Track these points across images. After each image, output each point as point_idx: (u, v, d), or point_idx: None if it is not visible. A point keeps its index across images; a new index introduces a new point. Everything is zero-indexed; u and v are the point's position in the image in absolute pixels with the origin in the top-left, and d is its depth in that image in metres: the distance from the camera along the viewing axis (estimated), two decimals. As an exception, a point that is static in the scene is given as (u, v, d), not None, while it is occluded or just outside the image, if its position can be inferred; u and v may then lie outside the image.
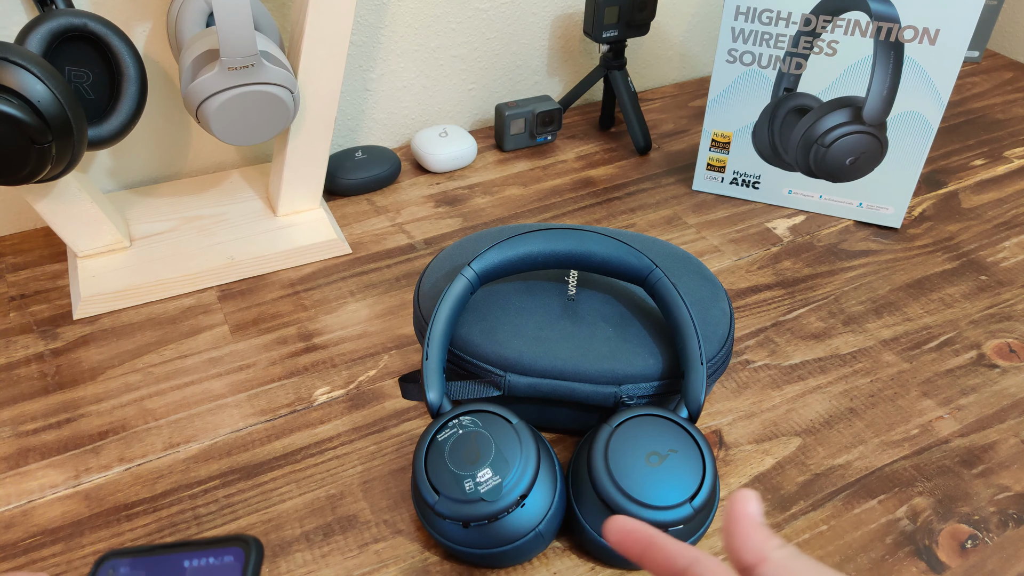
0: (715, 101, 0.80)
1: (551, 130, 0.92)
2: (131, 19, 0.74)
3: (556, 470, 0.48)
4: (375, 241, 0.77)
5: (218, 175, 0.83)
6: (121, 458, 0.56)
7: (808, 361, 0.65)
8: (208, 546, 0.31)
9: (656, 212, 0.82)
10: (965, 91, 1.06)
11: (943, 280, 0.73)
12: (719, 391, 0.62)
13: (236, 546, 0.31)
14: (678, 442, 0.48)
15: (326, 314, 0.69)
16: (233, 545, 0.31)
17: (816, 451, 0.57)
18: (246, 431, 0.58)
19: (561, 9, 0.95)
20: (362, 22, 0.84)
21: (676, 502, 0.45)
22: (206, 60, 0.63)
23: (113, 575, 0.31)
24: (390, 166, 0.84)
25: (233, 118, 0.64)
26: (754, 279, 0.73)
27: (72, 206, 0.68)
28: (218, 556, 0.31)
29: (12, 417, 0.59)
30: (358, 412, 0.60)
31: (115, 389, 0.61)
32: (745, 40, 0.75)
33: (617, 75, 0.90)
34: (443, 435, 0.47)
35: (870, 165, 0.77)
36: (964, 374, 0.64)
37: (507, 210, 0.82)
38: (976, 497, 0.54)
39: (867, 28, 0.71)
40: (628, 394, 0.52)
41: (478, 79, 0.95)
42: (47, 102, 0.55)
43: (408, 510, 0.53)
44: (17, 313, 0.68)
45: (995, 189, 0.86)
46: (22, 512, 0.52)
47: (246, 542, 0.31)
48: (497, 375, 0.52)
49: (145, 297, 0.69)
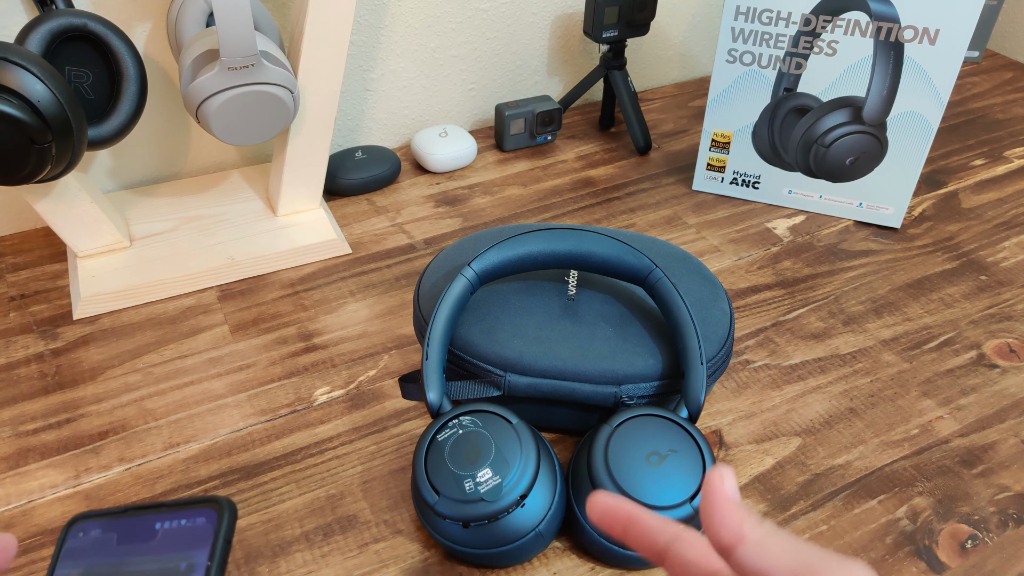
0: (715, 101, 0.80)
1: (551, 130, 0.92)
2: (131, 19, 0.74)
3: (556, 470, 0.48)
4: (375, 241, 0.77)
5: (218, 175, 0.83)
6: (121, 458, 0.56)
7: (808, 361, 0.65)
8: (180, 507, 0.30)
9: (656, 212, 0.82)
10: (965, 91, 1.06)
11: (943, 280, 0.73)
12: (719, 391, 0.62)
13: (208, 507, 0.30)
14: (678, 442, 0.48)
15: (326, 314, 0.69)
16: (205, 506, 0.30)
17: (816, 451, 0.57)
18: (246, 431, 0.58)
19: (561, 9, 0.95)
20: (362, 22, 0.84)
21: (676, 502, 0.45)
22: (206, 60, 0.63)
23: (84, 537, 0.30)
24: (390, 166, 0.84)
25: (233, 118, 0.64)
26: (754, 279, 0.73)
27: (72, 206, 0.68)
28: (190, 518, 0.30)
29: (12, 417, 0.59)
30: (358, 412, 0.60)
31: (115, 389, 0.61)
32: (745, 40, 0.75)
33: (617, 75, 0.90)
34: (443, 435, 0.47)
35: (870, 165, 0.77)
36: (964, 374, 0.64)
37: (507, 210, 0.82)
38: (976, 497, 0.54)
39: (867, 28, 0.71)
40: (628, 394, 0.52)
41: (478, 79, 0.95)
42: (47, 102, 0.55)
43: (408, 510, 0.53)
44: (17, 313, 0.68)
45: (995, 189, 0.86)
46: (22, 512, 0.52)
47: (219, 503, 0.30)
48: (497, 375, 0.52)
49: (145, 297, 0.69)
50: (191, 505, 0.30)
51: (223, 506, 0.30)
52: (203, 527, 0.30)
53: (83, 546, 0.30)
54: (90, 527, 0.31)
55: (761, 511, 0.53)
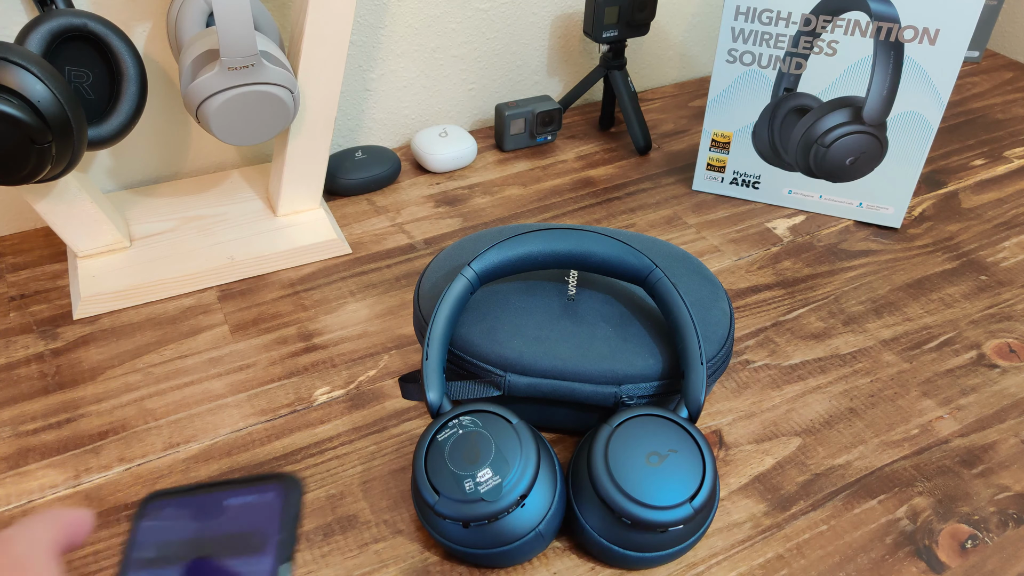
0: (715, 101, 0.80)
1: (551, 130, 0.92)
2: (131, 19, 0.74)
3: (556, 470, 0.48)
4: (375, 241, 0.77)
5: (218, 175, 0.83)
6: (121, 458, 0.56)
7: (808, 361, 0.65)
8: (248, 484, 0.31)
9: (656, 212, 0.82)
10: (965, 91, 1.06)
11: (943, 280, 0.73)
12: (719, 391, 0.62)
13: (276, 483, 0.31)
14: (678, 442, 0.48)
15: (326, 314, 0.69)
16: (273, 483, 0.31)
17: (816, 451, 0.57)
18: (246, 431, 0.58)
19: (561, 9, 0.95)
20: (362, 22, 0.84)
21: (676, 502, 0.45)
22: (206, 60, 0.62)
23: (159, 514, 0.31)
24: (390, 166, 0.84)
25: (233, 118, 0.64)
26: (754, 279, 0.73)
27: (72, 206, 0.68)
28: (258, 494, 0.31)
29: (12, 417, 0.59)
30: (358, 412, 0.60)
31: (115, 389, 0.61)
32: (745, 40, 0.75)
33: (617, 75, 0.90)
34: (443, 435, 0.47)
35: (870, 165, 0.77)
36: (964, 374, 0.64)
37: (507, 210, 0.82)
38: (976, 497, 0.54)
39: (867, 28, 0.71)
40: (628, 394, 0.52)
41: (478, 79, 0.95)
42: (47, 102, 0.55)
43: (408, 510, 0.53)
44: (17, 313, 0.68)
45: (995, 189, 0.86)
46: (22, 512, 0.52)
47: (285, 479, 0.31)
48: (497, 375, 0.52)
49: (145, 297, 0.69)
50: (258, 481, 0.31)
51: (290, 482, 0.31)
52: (271, 502, 0.31)
53: (158, 523, 0.31)
54: (164, 504, 0.32)
55: (761, 511, 0.53)
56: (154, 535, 0.31)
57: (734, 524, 0.52)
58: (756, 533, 0.52)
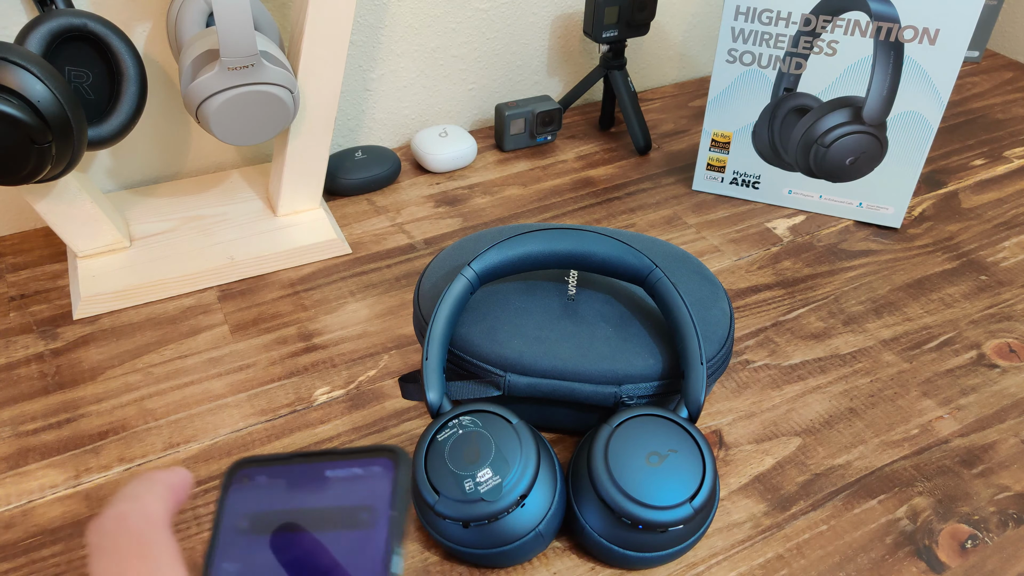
0: (715, 101, 0.80)
1: (551, 130, 0.92)
2: (131, 19, 0.74)
3: (556, 470, 0.48)
4: (375, 241, 0.78)
5: (218, 175, 0.83)
6: (121, 458, 0.56)
7: (808, 361, 0.65)
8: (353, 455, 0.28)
9: (656, 212, 0.82)
10: (965, 91, 1.06)
11: (943, 280, 0.73)
12: (719, 391, 0.62)
13: (384, 456, 0.28)
14: (678, 442, 0.48)
15: (326, 314, 0.69)
16: (381, 455, 0.28)
17: (816, 451, 0.57)
18: (246, 431, 0.58)
19: (561, 9, 0.95)
20: (362, 22, 0.84)
21: (676, 502, 0.45)
22: (206, 60, 0.62)
23: (248, 483, 0.28)
24: (390, 166, 0.84)
25: (233, 118, 0.64)
26: (754, 279, 0.73)
27: (72, 206, 0.68)
28: (365, 467, 0.28)
29: (12, 417, 0.59)
30: (358, 412, 0.60)
31: (115, 389, 0.61)
32: (745, 40, 0.75)
33: (617, 75, 0.90)
34: (443, 435, 0.47)
35: (870, 165, 0.77)
36: (964, 374, 0.64)
37: (507, 210, 0.82)
38: (976, 497, 0.54)
39: (867, 28, 0.71)
40: (628, 394, 0.52)
41: (478, 79, 0.95)
42: (47, 102, 0.55)
43: (408, 510, 0.53)
44: (17, 313, 0.68)
45: (995, 189, 0.86)
46: (22, 512, 0.52)
47: (395, 452, 0.28)
48: (497, 375, 0.52)
49: (145, 297, 0.69)
50: (365, 453, 0.28)
51: (399, 455, 0.28)
52: (379, 476, 0.28)
53: (250, 492, 0.28)
54: (255, 472, 0.29)
55: (761, 511, 0.53)
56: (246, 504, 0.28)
57: (734, 524, 0.52)
58: (756, 533, 0.52)
